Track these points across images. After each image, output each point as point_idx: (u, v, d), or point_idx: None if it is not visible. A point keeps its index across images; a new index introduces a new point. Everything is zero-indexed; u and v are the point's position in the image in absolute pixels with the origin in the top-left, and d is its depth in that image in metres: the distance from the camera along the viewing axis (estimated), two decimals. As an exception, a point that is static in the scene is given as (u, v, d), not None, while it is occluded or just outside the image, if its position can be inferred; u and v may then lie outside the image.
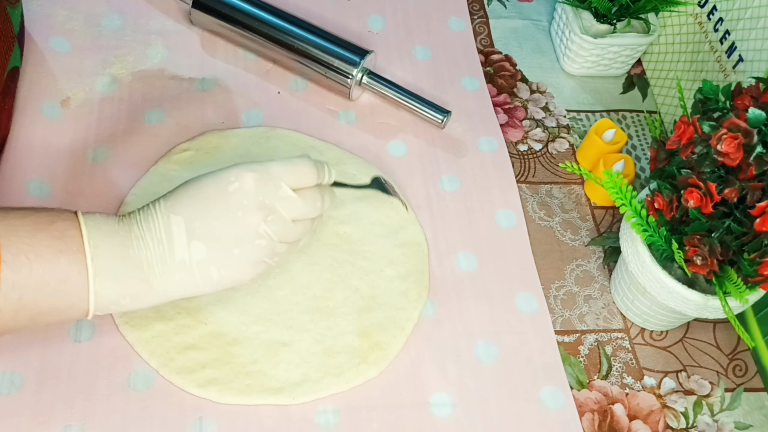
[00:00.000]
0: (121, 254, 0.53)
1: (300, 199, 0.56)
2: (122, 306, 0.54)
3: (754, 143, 0.55)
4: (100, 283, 0.52)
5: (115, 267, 0.52)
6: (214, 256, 0.54)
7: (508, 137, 0.80)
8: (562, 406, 0.64)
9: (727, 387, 0.67)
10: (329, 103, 0.80)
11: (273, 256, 0.56)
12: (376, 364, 0.63)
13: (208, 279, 0.54)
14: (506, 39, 0.89)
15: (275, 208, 0.55)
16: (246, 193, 0.54)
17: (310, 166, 0.57)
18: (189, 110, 0.76)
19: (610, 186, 0.61)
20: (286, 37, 0.78)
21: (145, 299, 0.54)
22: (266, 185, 0.55)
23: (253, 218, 0.54)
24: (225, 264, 0.54)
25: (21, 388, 0.59)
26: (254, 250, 0.55)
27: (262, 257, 0.55)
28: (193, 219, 0.54)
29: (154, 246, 0.53)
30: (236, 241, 0.54)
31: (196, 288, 0.55)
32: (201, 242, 0.54)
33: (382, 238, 0.70)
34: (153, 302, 0.55)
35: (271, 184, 0.55)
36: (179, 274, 0.54)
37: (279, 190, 0.55)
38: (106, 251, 0.52)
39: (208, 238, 0.54)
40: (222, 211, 0.54)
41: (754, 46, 0.72)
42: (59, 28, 0.79)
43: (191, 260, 0.54)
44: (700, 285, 0.63)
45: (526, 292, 0.70)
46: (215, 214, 0.54)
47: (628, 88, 0.87)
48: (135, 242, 0.53)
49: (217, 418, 0.60)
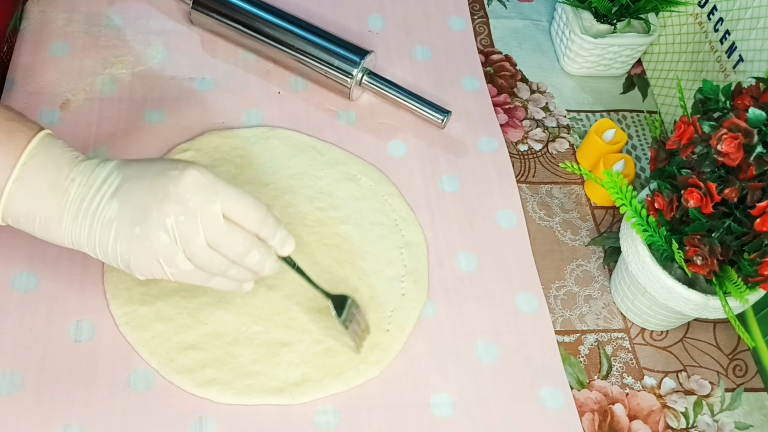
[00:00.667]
0: (53, 177, 0.54)
1: (224, 226, 0.54)
2: (27, 226, 0.55)
3: (754, 143, 0.55)
4: (17, 189, 0.53)
5: (40, 183, 0.53)
6: (119, 222, 0.53)
7: (508, 137, 0.80)
8: (562, 406, 0.64)
9: (728, 387, 0.67)
10: (329, 103, 0.80)
11: (171, 264, 0.54)
12: (376, 364, 0.63)
13: (102, 243, 0.54)
14: (506, 39, 0.89)
15: (194, 215, 0.53)
16: (178, 183, 0.53)
17: (258, 210, 0.56)
18: (189, 110, 0.76)
19: (610, 186, 0.61)
20: (286, 37, 0.78)
21: (50, 230, 0.55)
22: (202, 190, 0.54)
23: (168, 208, 0.53)
24: (122, 235, 0.53)
25: (21, 388, 0.59)
26: (153, 240, 0.53)
27: (158, 255, 0.54)
28: (126, 180, 0.54)
29: (83, 184, 0.54)
30: (142, 219, 0.53)
31: (88, 246, 0.55)
32: (117, 202, 0.53)
33: (382, 238, 0.70)
34: (54, 237, 0.55)
35: (207, 194, 0.54)
36: (85, 220, 0.54)
37: (209, 204, 0.54)
38: (40, 166, 0.53)
39: (124, 203, 0.53)
40: (149, 186, 0.54)
41: (754, 46, 0.72)
42: (59, 32, 0.79)
43: (101, 214, 0.53)
44: (700, 285, 0.63)
45: (526, 292, 0.70)
46: (142, 185, 0.54)
47: (628, 88, 0.87)
48: (73, 174, 0.54)
49: (217, 418, 0.60)
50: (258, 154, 0.74)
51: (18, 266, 0.64)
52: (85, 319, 0.63)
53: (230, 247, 0.55)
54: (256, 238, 0.56)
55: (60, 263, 0.65)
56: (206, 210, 0.54)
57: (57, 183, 0.54)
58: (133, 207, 0.53)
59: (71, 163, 0.55)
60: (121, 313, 0.63)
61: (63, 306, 0.63)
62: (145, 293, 0.64)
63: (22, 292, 0.63)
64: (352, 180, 0.73)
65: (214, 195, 0.54)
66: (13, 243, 0.65)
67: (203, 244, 0.54)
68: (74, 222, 0.54)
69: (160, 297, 0.64)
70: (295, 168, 0.73)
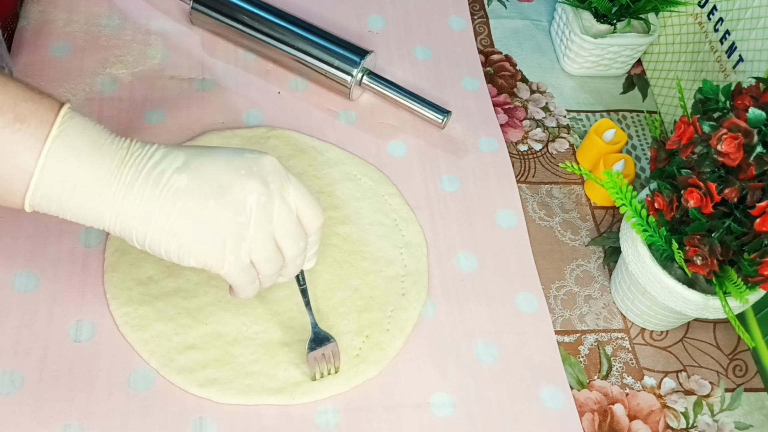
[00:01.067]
0: (92, 141, 0.48)
1: (296, 218, 0.52)
2: (62, 195, 0.48)
3: (754, 143, 0.55)
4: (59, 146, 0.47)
5: (83, 142, 0.48)
6: (188, 195, 0.49)
7: (508, 137, 0.80)
8: (562, 406, 0.64)
9: (727, 387, 0.67)
10: (329, 103, 0.80)
11: (235, 250, 0.50)
12: (376, 364, 0.63)
13: (162, 216, 0.49)
14: (506, 39, 0.89)
15: (273, 199, 0.51)
16: (261, 164, 0.51)
17: (320, 213, 0.54)
18: (189, 110, 0.76)
19: (610, 186, 0.61)
20: (286, 37, 0.78)
21: (92, 197, 0.48)
22: (280, 176, 0.51)
23: (252, 185, 0.50)
24: (191, 208, 0.49)
25: (21, 388, 0.59)
26: (229, 217, 0.49)
27: (227, 236, 0.50)
28: (193, 156, 0.50)
29: (138, 155, 0.49)
30: (219, 193, 0.49)
31: (141, 219, 0.49)
32: (187, 175, 0.49)
33: (382, 238, 0.70)
34: (92, 207, 0.49)
35: (284, 182, 0.52)
36: (145, 188, 0.48)
37: (285, 192, 0.52)
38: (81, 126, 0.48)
39: (195, 176, 0.49)
40: (226, 163, 0.50)
41: (754, 46, 0.72)
42: (59, 32, 0.79)
43: (166, 184, 0.49)
44: (700, 285, 0.63)
45: (526, 292, 0.70)
46: (218, 162, 0.50)
47: (628, 88, 0.87)
48: (120, 143, 0.49)
49: (218, 418, 0.60)
50: (258, 154, 0.74)
51: (18, 266, 0.64)
52: (85, 319, 0.63)
53: (294, 243, 0.53)
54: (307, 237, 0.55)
55: (60, 263, 0.65)
56: (283, 196, 0.52)
57: (104, 147, 0.48)
58: (208, 181, 0.49)
59: (112, 135, 0.50)
60: (121, 313, 0.63)
61: (63, 306, 0.63)
62: (145, 293, 0.64)
63: (22, 292, 0.63)
64: (352, 180, 0.73)
65: (288, 184, 0.52)
66: (13, 243, 0.65)
67: (271, 235, 0.51)
68: (129, 189, 0.48)
69: (160, 297, 0.64)
70: (295, 168, 0.73)
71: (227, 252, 0.51)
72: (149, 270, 0.65)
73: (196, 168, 0.50)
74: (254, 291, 0.55)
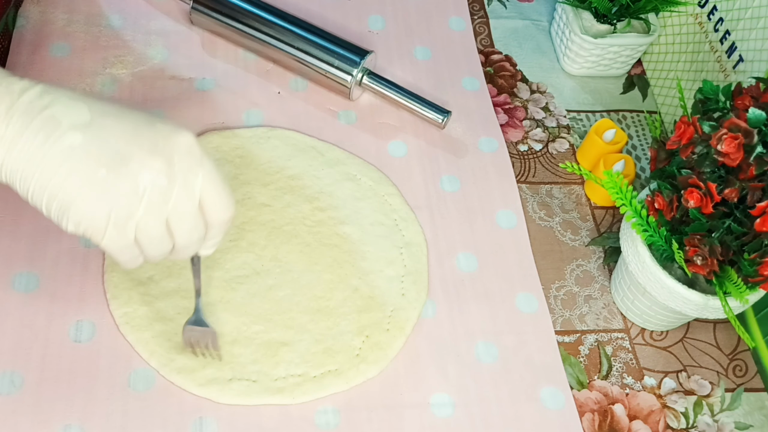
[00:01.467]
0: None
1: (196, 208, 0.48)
2: None
3: (754, 143, 0.55)
4: None
5: None
6: (81, 156, 0.44)
7: (508, 137, 0.80)
8: (562, 406, 0.64)
9: (728, 387, 0.67)
10: (329, 103, 0.80)
11: (120, 226, 0.46)
12: (376, 364, 0.63)
13: (47, 173, 0.44)
14: (506, 39, 0.89)
15: (174, 182, 0.46)
16: (170, 141, 0.46)
17: (230, 206, 0.50)
18: (189, 110, 0.76)
19: (611, 186, 0.61)
20: (286, 37, 0.78)
21: None
22: (190, 159, 0.47)
23: (153, 162, 0.46)
24: (81, 172, 0.45)
25: (21, 388, 0.59)
26: (120, 191, 0.45)
27: (113, 210, 0.46)
28: (100, 116, 0.46)
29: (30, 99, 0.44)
30: (114, 163, 0.45)
31: (26, 174, 0.45)
32: (83, 135, 0.44)
33: (382, 238, 0.70)
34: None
35: (193, 166, 0.47)
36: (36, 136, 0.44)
37: (192, 176, 0.47)
38: None
39: (93, 138, 0.45)
40: (132, 131, 0.46)
41: (754, 46, 0.72)
42: (59, 32, 0.79)
43: (59, 139, 0.44)
44: (700, 285, 0.63)
45: (526, 292, 0.70)
46: (123, 128, 0.46)
47: (629, 88, 0.87)
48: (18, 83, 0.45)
49: (218, 418, 0.60)
50: (258, 154, 0.74)
51: (18, 266, 0.64)
52: (85, 319, 0.63)
53: (187, 233, 0.49)
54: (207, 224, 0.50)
55: (60, 263, 0.65)
56: (187, 182, 0.47)
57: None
58: (106, 147, 0.45)
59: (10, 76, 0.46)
60: (121, 313, 0.63)
61: (63, 306, 0.63)
62: (145, 293, 0.64)
63: (22, 292, 0.63)
64: (352, 180, 0.74)
65: (199, 168, 0.48)
66: (13, 243, 0.65)
67: (162, 219, 0.47)
68: (17, 137, 0.44)
69: (160, 297, 0.64)
70: (295, 168, 0.73)
71: (110, 225, 0.46)
72: (149, 270, 0.65)
73: (98, 128, 0.45)
74: (136, 265, 0.51)
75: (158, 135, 0.47)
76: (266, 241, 0.68)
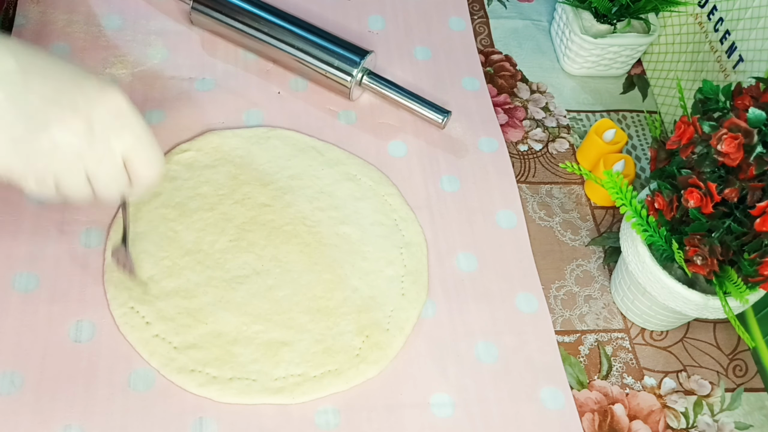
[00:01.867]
0: None
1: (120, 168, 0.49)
2: None
3: (754, 143, 0.55)
4: None
5: None
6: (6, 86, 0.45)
7: (508, 137, 0.80)
8: (562, 406, 0.64)
9: (728, 387, 0.67)
10: (329, 103, 0.80)
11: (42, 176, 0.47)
12: (376, 364, 0.63)
13: None
14: (506, 39, 0.89)
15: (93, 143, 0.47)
16: (92, 101, 0.47)
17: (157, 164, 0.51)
18: (189, 110, 0.76)
19: (611, 186, 0.61)
20: (286, 37, 0.78)
21: None
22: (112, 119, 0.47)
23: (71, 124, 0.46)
24: None
25: (21, 388, 0.59)
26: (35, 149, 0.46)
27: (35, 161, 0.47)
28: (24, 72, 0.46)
29: None
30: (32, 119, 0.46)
31: None
32: (3, 92, 0.45)
33: (382, 238, 0.70)
34: None
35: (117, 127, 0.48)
36: None
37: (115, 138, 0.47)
38: None
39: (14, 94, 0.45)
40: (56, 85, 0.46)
41: (754, 46, 0.72)
42: (59, 32, 0.79)
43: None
44: (700, 285, 0.63)
45: (526, 292, 0.70)
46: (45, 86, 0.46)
47: (628, 88, 0.87)
48: None
49: (218, 418, 0.60)
50: (258, 154, 0.74)
51: (18, 266, 0.64)
52: (85, 319, 0.63)
53: (106, 188, 0.50)
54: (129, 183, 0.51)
55: (60, 263, 0.65)
56: (106, 141, 0.48)
57: None
58: (26, 106, 0.46)
59: None
60: (121, 313, 0.63)
61: (63, 306, 0.63)
62: (145, 293, 0.64)
63: (22, 292, 0.63)
64: (352, 180, 0.74)
65: (122, 129, 0.48)
66: (13, 243, 0.65)
67: (81, 174, 0.49)
68: None
69: (160, 297, 0.64)
70: (295, 168, 0.73)
71: (29, 179, 0.48)
72: (149, 270, 0.65)
73: (21, 85, 0.46)
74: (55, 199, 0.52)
75: (81, 94, 0.47)
76: (266, 241, 0.68)
